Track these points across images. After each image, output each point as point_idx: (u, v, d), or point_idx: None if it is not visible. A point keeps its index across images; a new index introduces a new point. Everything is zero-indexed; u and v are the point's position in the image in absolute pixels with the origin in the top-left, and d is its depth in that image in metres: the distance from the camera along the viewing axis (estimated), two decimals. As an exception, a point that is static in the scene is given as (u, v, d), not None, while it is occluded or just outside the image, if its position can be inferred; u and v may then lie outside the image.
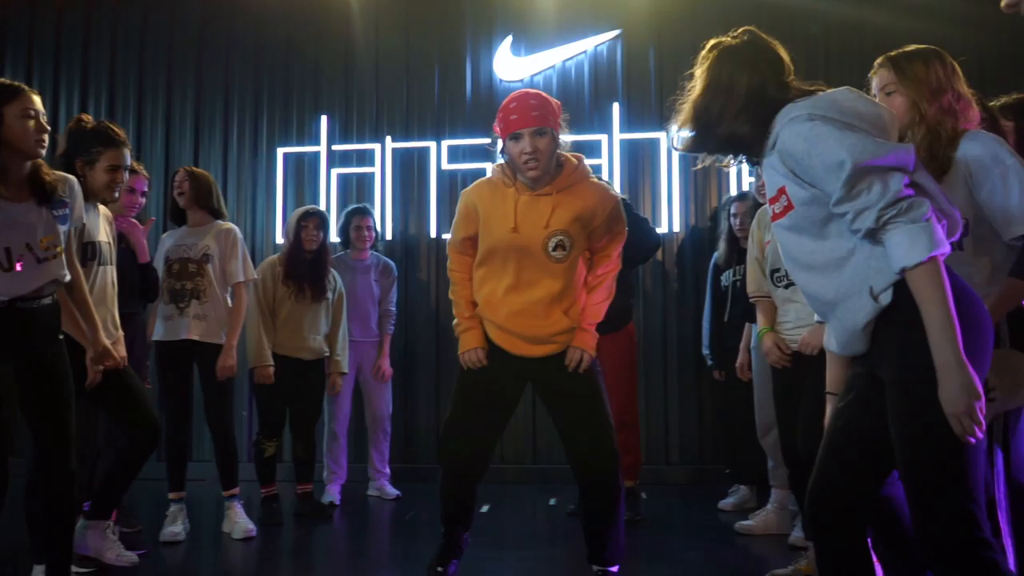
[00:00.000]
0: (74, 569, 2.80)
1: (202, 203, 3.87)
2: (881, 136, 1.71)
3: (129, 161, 3.09)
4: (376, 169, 5.51)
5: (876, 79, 2.24)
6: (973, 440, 1.55)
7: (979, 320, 1.65)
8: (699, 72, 1.94)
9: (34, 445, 2.49)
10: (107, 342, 2.83)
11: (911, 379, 1.62)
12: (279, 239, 5.48)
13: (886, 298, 1.65)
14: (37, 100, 2.47)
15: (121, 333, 3.12)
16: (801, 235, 1.79)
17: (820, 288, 1.78)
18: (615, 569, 2.81)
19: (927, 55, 2.19)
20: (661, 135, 5.35)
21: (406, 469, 5.12)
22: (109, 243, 3.18)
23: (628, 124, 5.40)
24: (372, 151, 5.53)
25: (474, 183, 2.85)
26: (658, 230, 5.21)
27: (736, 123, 1.82)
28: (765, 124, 1.80)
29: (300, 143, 5.61)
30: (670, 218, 5.32)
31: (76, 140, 3.02)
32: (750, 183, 5.19)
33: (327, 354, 4.34)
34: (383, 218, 5.45)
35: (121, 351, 2.98)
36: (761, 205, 3.83)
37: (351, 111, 5.63)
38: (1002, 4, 2.11)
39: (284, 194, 5.56)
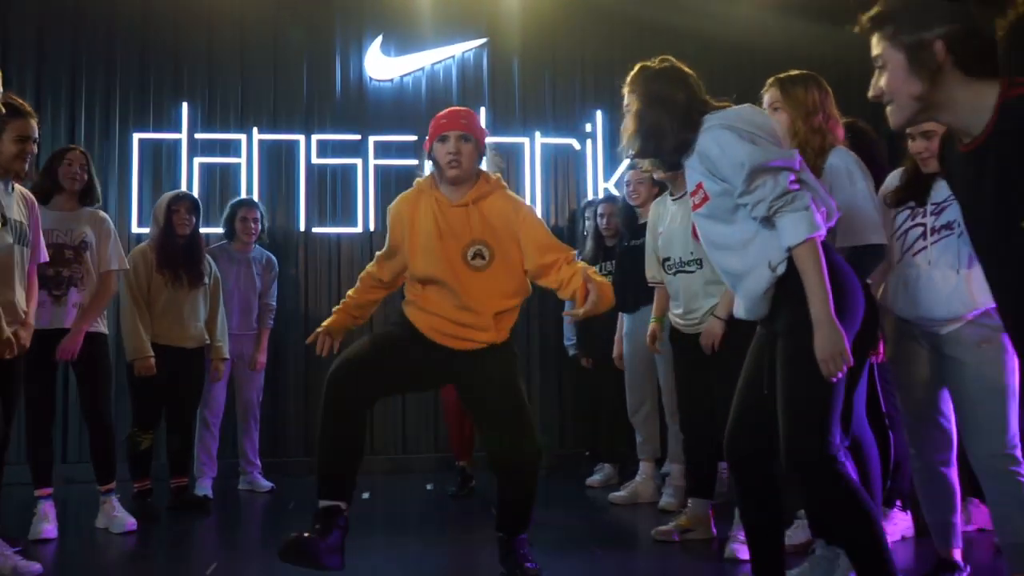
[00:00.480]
0: None
1: (89, 190, 3.73)
2: (775, 143, 2.17)
3: (37, 133, 2.95)
4: (242, 160, 5.41)
5: (767, 96, 2.68)
6: (835, 380, 2.02)
7: (850, 289, 2.14)
8: (631, 91, 2.34)
9: None
10: (8, 331, 2.71)
11: (794, 328, 2.07)
12: (135, 227, 5.26)
13: (782, 268, 2.09)
14: None
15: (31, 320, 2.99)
16: (715, 221, 2.24)
17: (731, 264, 2.23)
18: (524, 536, 2.95)
19: (807, 80, 2.65)
20: (525, 139, 5.69)
21: (275, 463, 5.07)
22: (22, 222, 3.03)
23: (494, 128, 5.67)
24: (238, 141, 5.43)
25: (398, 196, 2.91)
26: (521, 229, 5.59)
27: (680, 132, 2.23)
28: (695, 132, 2.21)
29: (158, 129, 5.40)
30: (532, 218, 5.64)
31: None
32: (604, 189, 5.68)
33: (207, 341, 4.26)
34: (250, 209, 5.37)
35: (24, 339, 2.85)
36: (631, 207, 4.28)
37: (215, 99, 5.50)
38: None
39: (140, 181, 5.32)
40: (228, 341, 4.44)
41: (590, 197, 5.55)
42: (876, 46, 1.55)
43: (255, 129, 5.46)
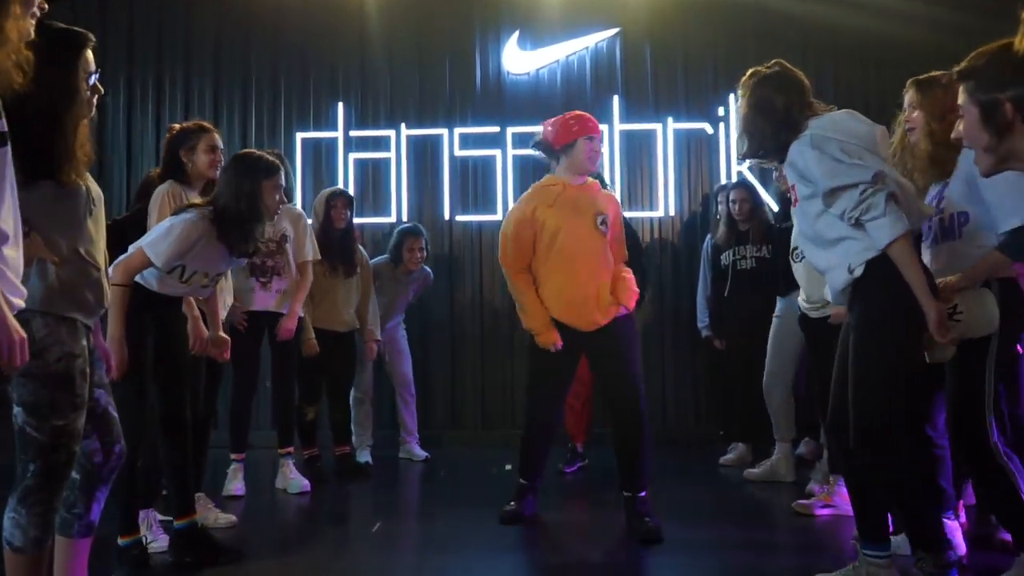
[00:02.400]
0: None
1: (287, 191, 4.20)
2: (871, 150, 2.36)
3: (221, 144, 3.43)
4: (392, 154, 5.84)
5: (906, 97, 2.74)
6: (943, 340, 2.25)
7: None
8: (741, 95, 2.58)
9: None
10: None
11: (860, 324, 2.35)
12: (299, 220, 5.78)
13: (858, 272, 2.33)
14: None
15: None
16: (806, 219, 2.48)
17: (818, 258, 2.50)
18: (644, 494, 3.31)
19: (946, 81, 2.67)
20: (657, 126, 5.81)
21: (426, 436, 5.46)
22: None
23: (627, 116, 5.85)
24: (388, 137, 5.86)
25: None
26: (655, 213, 5.75)
27: (777, 136, 2.45)
28: (793, 135, 2.42)
29: (318, 128, 5.91)
30: (666, 202, 5.79)
31: (176, 139, 3.36)
32: (738, 173, 5.72)
33: (357, 326, 4.70)
34: (399, 201, 5.80)
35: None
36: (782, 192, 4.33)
37: (367, 99, 5.95)
38: None
39: (303, 177, 5.84)
40: (380, 328, 4.87)
41: (723, 181, 5.62)
42: (959, 96, 1.79)
43: (403, 125, 5.86)
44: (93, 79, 1.98)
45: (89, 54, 1.98)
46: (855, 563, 2.49)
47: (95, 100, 2.01)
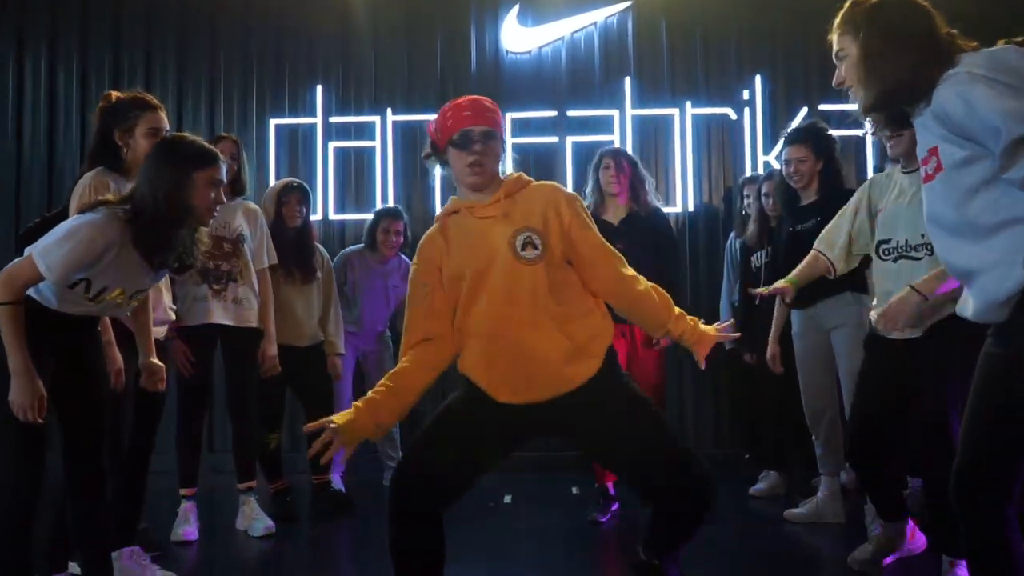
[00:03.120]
0: None
1: (239, 177, 3.65)
2: None
3: (167, 126, 2.79)
4: (376, 143, 5.23)
5: None
6: None
7: None
8: (848, 30, 1.85)
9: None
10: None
11: None
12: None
13: None
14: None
15: None
16: (948, 200, 1.74)
17: (963, 256, 1.75)
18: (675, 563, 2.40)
19: None
20: (674, 111, 5.20)
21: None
22: None
23: (640, 99, 5.23)
24: (372, 124, 5.25)
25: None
26: (671, 209, 5.11)
27: (920, 76, 1.73)
28: (939, 73, 1.71)
29: (294, 114, 5.29)
30: (684, 196, 5.18)
31: (110, 113, 2.72)
32: (765, 163, 5.12)
33: (322, 338, 4.08)
34: (384, 195, 5.19)
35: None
36: (790, 187, 3.71)
37: (348, 81, 5.34)
38: None
39: (277, 168, 5.23)
40: (351, 339, 4.26)
41: (748, 173, 5.01)
42: None
43: (389, 110, 5.25)
44: None
45: None
46: None
47: None
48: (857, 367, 2.97)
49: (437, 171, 5.30)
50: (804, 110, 5.13)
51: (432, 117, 5.23)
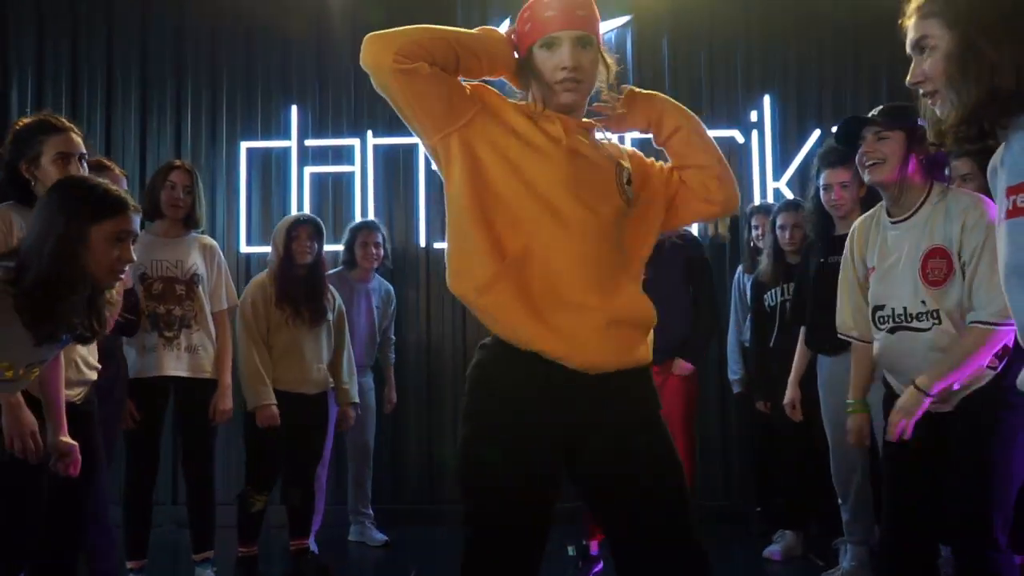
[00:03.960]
0: None
1: (194, 211, 3.34)
2: None
3: (82, 149, 2.41)
4: (356, 168, 4.87)
5: None
6: None
7: None
8: (934, 12, 1.42)
9: None
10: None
11: None
12: (243, 246, 4.82)
13: None
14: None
15: None
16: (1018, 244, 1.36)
17: None
18: None
19: None
20: (677, 133, 4.85)
21: (394, 510, 4.52)
22: None
23: (641, 120, 4.88)
24: (351, 147, 4.90)
25: None
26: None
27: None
28: None
29: (267, 137, 4.93)
30: (686, 225, 4.81)
31: (14, 141, 2.38)
32: (775, 190, 4.78)
33: (331, 385, 3.70)
34: (364, 224, 4.82)
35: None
36: (826, 214, 3.35)
37: (326, 102, 4.98)
38: None
39: (248, 194, 4.87)
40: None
41: (757, 200, 4.66)
42: None
43: (369, 133, 4.89)
44: None
45: None
46: None
47: None
48: None
49: (421, 199, 4.97)
50: (817, 132, 4.79)
51: (416, 142, 4.88)
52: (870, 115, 2.38)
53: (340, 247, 4.43)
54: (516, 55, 1.79)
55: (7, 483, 2.09)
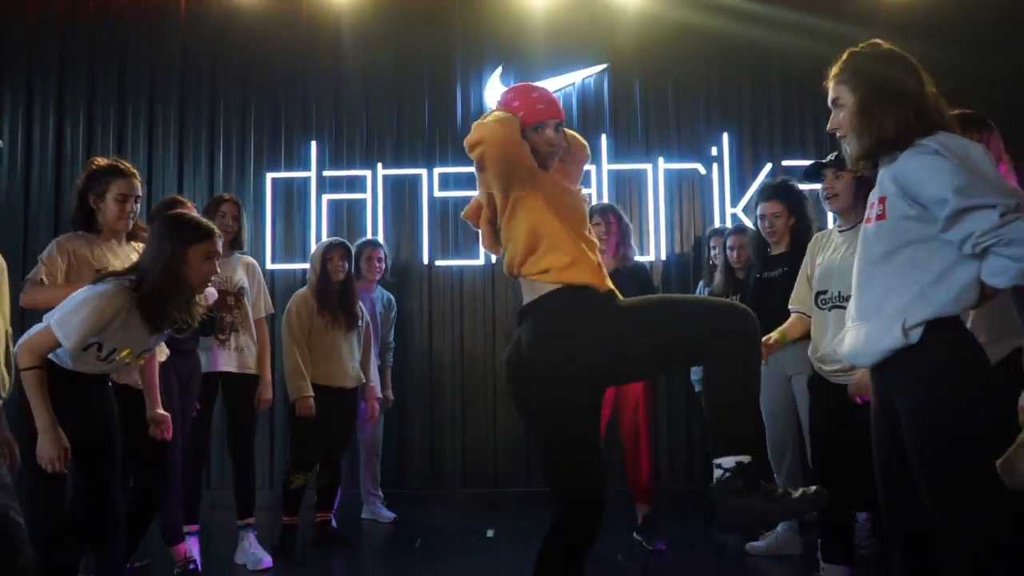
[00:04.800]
0: None
1: (239, 236, 3.97)
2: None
3: (139, 192, 3.07)
4: (368, 195, 5.53)
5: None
6: None
7: None
8: (845, 80, 2.01)
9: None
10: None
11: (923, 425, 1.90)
12: (269, 263, 5.45)
13: (916, 335, 1.85)
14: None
15: None
16: (878, 243, 1.96)
17: (873, 294, 1.96)
18: None
19: None
20: (647, 166, 5.55)
21: (401, 494, 5.14)
22: None
23: (616, 155, 5.58)
24: (363, 177, 5.56)
25: None
26: (645, 257, 5.41)
27: (912, 128, 1.90)
28: (919, 137, 1.88)
29: (289, 168, 5.60)
30: (657, 245, 5.51)
31: (88, 178, 3.02)
32: (732, 215, 5.46)
33: (363, 381, 4.38)
34: (375, 244, 5.48)
35: None
36: (762, 237, 4.06)
37: (341, 137, 5.64)
38: None
39: (273, 219, 5.53)
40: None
41: (716, 224, 5.36)
42: None
43: (379, 164, 5.56)
44: None
45: None
46: None
47: None
48: None
49: (425, 221, 5.64)
50: (768, 166, 5.50)
51: (421, 172, 5.58)
52: (827, 160, 3.15)
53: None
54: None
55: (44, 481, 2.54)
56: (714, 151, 5.57)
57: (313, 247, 5.39)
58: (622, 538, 4.15)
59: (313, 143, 5.59)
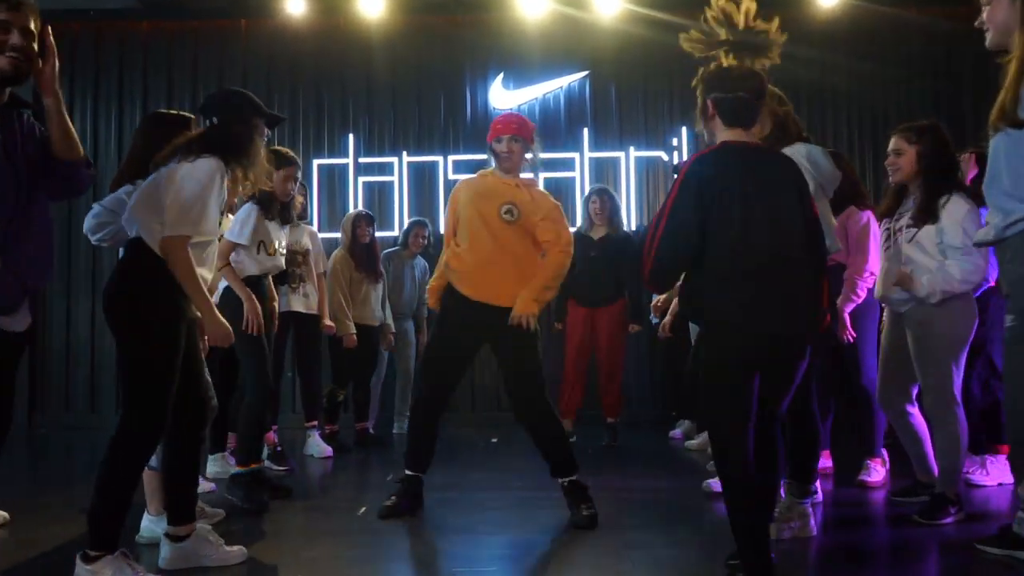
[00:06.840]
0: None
1: (306, 211, 5.22)
2: (827, 185, 3.12)
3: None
4: (395, 179, 6.83)
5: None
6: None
7: None
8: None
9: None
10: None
11: None
12: (316, 234, 6.75)
13: None
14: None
15: None
16: None
17: None
18: (574, 478, 3.51)
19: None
20: (621, 154, 6.83)
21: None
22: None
23: (595, 145, 6.86)
24: (391, 163, 6.85)
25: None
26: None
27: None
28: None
29: (331, 156, 6.89)
30: (628, 219, 6.77)
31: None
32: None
33: (385, 320, 5.72)
34: (401, 219, 6.75)
35: None
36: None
37: (373, 130, 6.94)
38: None
39: (319, 198, 6.82)
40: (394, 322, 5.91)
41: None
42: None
43: (404, 152, 6.85)
44: None
45: None
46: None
47: None
48: None
49: (441, 201, 6.95)
50: (719, 154, 6.76)
51: (438, 159, 6.86)
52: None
53: (385, 233, 6.43)
54: None
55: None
56: (675, 141, 6.84)
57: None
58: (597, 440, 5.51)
59: (350, 135, 6.87)
